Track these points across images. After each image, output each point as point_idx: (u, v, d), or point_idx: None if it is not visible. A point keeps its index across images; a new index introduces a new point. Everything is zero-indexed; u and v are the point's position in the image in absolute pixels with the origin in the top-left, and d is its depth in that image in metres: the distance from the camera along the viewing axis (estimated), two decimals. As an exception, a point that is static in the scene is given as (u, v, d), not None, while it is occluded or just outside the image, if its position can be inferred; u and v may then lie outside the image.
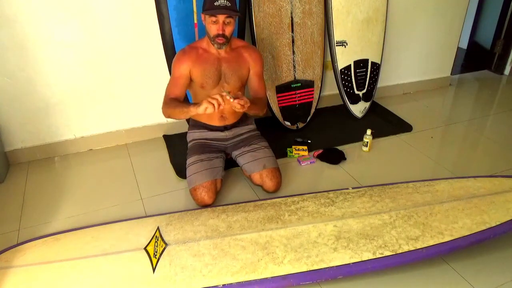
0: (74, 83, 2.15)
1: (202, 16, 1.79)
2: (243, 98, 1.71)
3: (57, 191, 1.98)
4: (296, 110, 2.52)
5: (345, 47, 2.53)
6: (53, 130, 2.22)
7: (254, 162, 1.91)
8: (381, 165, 2.19)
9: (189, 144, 2.01)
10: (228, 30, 1.77)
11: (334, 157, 2.22)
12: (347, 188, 1.85)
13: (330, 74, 2.70)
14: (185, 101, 1.95)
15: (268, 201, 1.78)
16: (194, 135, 2.01)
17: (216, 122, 1.98)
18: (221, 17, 1.72)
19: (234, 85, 1.90)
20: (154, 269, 1.40)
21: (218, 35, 1.76)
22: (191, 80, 1.86)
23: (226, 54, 1.87)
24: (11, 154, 2.18)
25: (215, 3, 1.70)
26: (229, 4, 1.72)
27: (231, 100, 1.67)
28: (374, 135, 2.33)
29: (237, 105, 1.68)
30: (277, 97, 2.44)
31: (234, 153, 1.99)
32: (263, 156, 1.93)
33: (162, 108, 1.82)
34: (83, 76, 2.15)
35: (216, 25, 1.74)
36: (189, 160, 1.90)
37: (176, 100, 1.82)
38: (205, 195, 1.78)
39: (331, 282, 1.44)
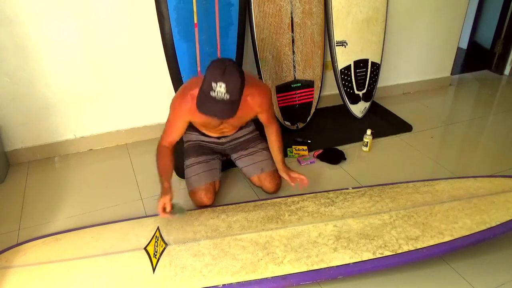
0: (74, 83, 2.15)
1: None
2: (299, 176, 1.77)
3: (57, 191, 1.98)
4: (296, 110, 2.52)
5: (345, 47, 2.53)
6: (53, 130, 2.22)
7: (252, 165, 1.90)
8: (381, 165, 2.19)
9: (185, 145, 1.97)
10: None
11: (334, 157, 2.22)
12: (347, 188, 1.85)
13: (330, 74, 2.69)
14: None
15: (268, 201, 1.78)
16: (191, 137, 1.95)
17: (214, 135, 1.90)
18: None
19: (235, 126, 1.85)
20: (154, 269, 1.40)
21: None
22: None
23: None
24: (11, 154, 2.18)
25: (211, 93, 1.37)
26: (227, 98, 1.37)
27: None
28: (374, 135, 2.33)
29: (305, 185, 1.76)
30: (277, 97, 2.44)
31: (233, 156, 1.97)
32: (261, 159, 1.91)
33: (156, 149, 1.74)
34: (83, 76, 2.15)
35: None
36: (186, 162, 1.88)
37: (165, 158, 1.68)
38: (204, 197, 1.78)
39: (331, 282, 1.44)
